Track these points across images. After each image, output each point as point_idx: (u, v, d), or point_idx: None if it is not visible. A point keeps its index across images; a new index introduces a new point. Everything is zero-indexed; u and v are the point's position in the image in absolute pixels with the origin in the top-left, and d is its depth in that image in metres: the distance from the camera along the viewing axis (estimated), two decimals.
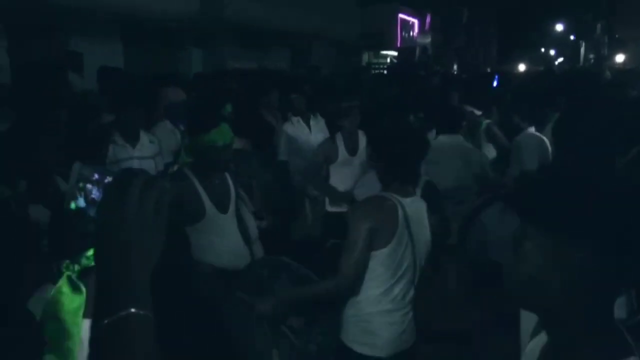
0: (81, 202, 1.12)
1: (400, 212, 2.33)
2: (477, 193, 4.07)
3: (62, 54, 6.96)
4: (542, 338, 1.15)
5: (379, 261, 2.34)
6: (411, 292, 2.45)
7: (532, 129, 4.43)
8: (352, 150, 4.35)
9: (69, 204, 1.13)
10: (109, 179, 1.11)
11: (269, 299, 2.38)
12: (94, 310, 0.83)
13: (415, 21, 25.18)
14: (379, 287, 2.36)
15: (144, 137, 4.10)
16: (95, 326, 0.81)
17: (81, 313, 1.24)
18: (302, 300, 2.43)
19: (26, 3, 6.88)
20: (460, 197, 3.91)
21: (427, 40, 25.54)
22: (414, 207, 2.42)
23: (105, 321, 0.79)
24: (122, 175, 0.93)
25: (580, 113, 2.61)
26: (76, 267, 1.25)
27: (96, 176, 1.11)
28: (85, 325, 1.24)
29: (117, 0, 8.26)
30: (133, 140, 4.02)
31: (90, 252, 1.25)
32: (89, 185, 1.11)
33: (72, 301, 1.23)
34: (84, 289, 1.24)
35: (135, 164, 4.03)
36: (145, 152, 4.06)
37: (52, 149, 2.79)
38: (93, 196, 1.11)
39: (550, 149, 4.02)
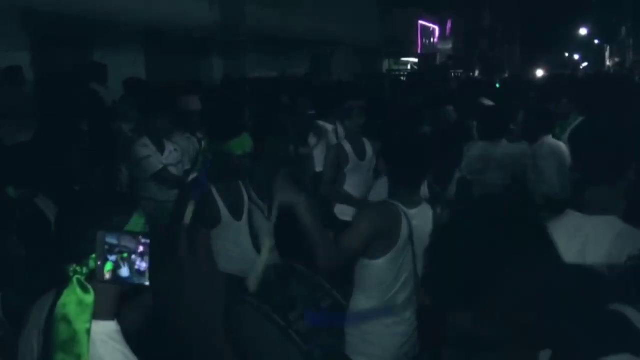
0: (125, 272, 1.25)
1: (404, 223, 2.31)
2: None
3: (87, 65, 7.12)
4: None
5: (377, 270, 2.32)
6: (412, 303, 2.42)
7: (549, 136, 4.40)
8: (361, 155, 4.34)
9: (104, 272, 1.25)
10: (146, 244, 1.23)
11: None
12: None
13: (436, 27, 25.12)
14: (379, 298, 2.35)
15: (168, 145, 4.20)
16: None
17: (90, 316, 1.28)
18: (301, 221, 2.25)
19: (50, 16, 7.06)
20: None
21: (448, 46, 25.45)
22: (420, 218, 2.39)
23: None
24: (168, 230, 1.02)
25: (593, 121, 2.57)
26: (84, 270, 1.30)
27: (141, 249, 1.24)
28: (94, 327, 1.29)
29: (140, 12, 8.44)
30: (160, 148, 4.13)
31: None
32: (133, 256, 1.24)
33: (81, 304, 1.28)
34: (92, 292, 1.29)
35: None
36: (170, 160, 4.16)
37: (75, 158, 2.88)
38: (138, 267, 1.24)
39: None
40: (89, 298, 1.28)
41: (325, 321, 2.38)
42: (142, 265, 1.24)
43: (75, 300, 1.28)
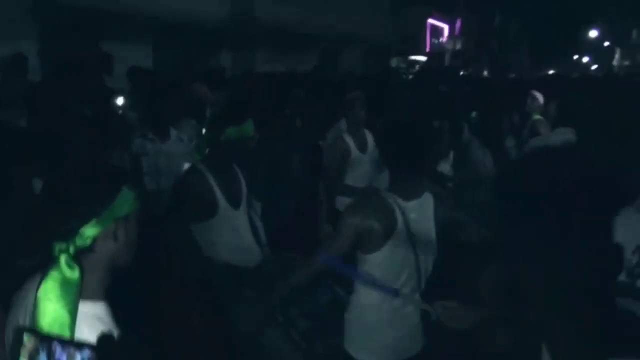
0: None
1: (399, 215, 2.21)
2: None
3: (93, 55, 7.07)
4: None
5: (374, 264, 2.24)
6: (415, 299, 2.32)
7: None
8: (362, 147, 4.27)
9: None
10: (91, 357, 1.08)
11: (268, 300, 2.43)
12: None
13: (446, 26, 24.98)
14: (378, 293, 2.26)
15: (173, 133, 4.12)
16: None
17: (76, 296, 1.22)
18: (292, 290, 2.39)
19: (58, 6, 7.03)
20: None
21: (457, 45, 25.30)
22: (420, 210, 2.28)
23: None
24: None
25: None
26: (71, 248, 1.24)
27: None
28: (82, 308, 1.23)
29: (148, 3, 8.39)
30: (162, 135, 4.04)
31: (84, 231, 1.24)
32: None
33: (67, 283, 1.21)
34: (78, 270, 1.22)
35: (162, 160, 4.04)
36: (173, 149, 4.06)
37: (75, 141, 2.83)
38: None
39: None
40: (75, 276, 1.22)
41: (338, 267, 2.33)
42: None
43: (61, 279, 1.21)
